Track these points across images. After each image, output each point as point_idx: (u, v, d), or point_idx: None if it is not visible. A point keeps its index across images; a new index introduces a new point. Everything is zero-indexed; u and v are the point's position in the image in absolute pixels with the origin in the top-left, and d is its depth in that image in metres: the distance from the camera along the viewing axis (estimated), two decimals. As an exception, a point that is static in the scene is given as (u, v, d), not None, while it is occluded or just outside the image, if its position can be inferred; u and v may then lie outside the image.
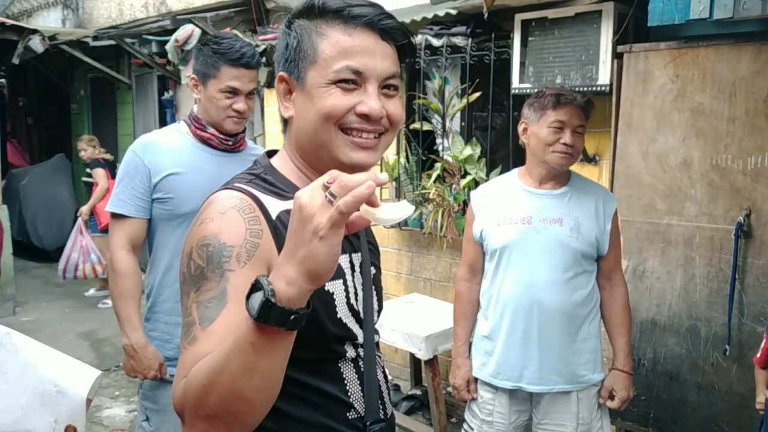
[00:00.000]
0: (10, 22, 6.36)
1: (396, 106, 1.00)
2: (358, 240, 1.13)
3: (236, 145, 2.07)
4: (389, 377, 1.22)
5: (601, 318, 2.19)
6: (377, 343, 1.18)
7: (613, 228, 2.10)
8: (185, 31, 5.14)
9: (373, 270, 1.16)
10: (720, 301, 2.68)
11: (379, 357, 1.18)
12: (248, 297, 0.76)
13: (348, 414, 1.06)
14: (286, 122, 1.06)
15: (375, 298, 1.14)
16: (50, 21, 8.17)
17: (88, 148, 6.03)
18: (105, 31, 6.61)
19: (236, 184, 1.00)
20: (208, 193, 1.02)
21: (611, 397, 2.13)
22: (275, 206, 0.98)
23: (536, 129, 2.05)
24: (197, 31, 5.03)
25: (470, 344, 2.27)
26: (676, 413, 2.83)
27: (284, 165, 1.07)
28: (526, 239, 2.04)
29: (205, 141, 2.00)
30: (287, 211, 0.94)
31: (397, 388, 4.00)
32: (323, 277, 0.76)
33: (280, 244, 0.91)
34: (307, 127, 0.99)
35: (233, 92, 1.95)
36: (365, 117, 0.96)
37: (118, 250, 1.97)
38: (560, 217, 2.03)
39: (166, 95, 6.62)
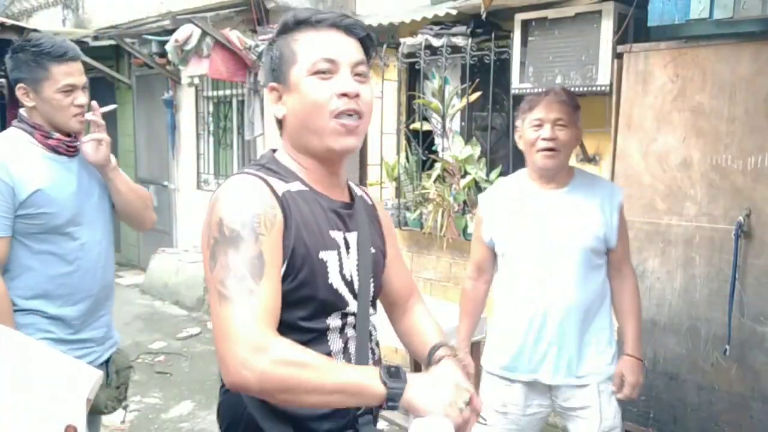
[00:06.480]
0: (10, 22, 6.34)
1: (366, 91, 1.18)
2: (354, 222, 1.24)
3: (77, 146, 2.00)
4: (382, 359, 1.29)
5: (613, 308, 2.17)
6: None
7: (620, 220, 2.10)
8: (185, 31, 5.14)
9: (372, 250, 1.27)
10: (720, 301, 2.68)
11: (372, 333, 1.27)
12: (391, 375, 1.09)
13: None
14: (281, 124, 1.25)
15: (372, 276, 1.25)
16: (50, 21, 8.16)
17: None
18: (105, 31, 6.60)
19: (246, 170, 1.18)
20: (77, 201, 1.14)
21: (622, 385, 2.08)
22: (280, 186, 1.15)
23: (523, 132, 2.09)
24: (197, 31, 5.03)
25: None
26: (676, 413, 2.83)
27: (283, 156, 1.25)
28: (537, 240, 2.07)
29: (53, 149, 1.93)
30: (288, 191, 1.15)
31: (397, 388, 3.99)
32: (416, 408, 1.13)
33: (284, 214, 1.12)
34: (300, 119, 1.17)
35: (71, 89, 1.92)
36: (345, 96, 1.14)
37: None
38: (567, 216, 2.05)
39: (166, 95, 6.62)
